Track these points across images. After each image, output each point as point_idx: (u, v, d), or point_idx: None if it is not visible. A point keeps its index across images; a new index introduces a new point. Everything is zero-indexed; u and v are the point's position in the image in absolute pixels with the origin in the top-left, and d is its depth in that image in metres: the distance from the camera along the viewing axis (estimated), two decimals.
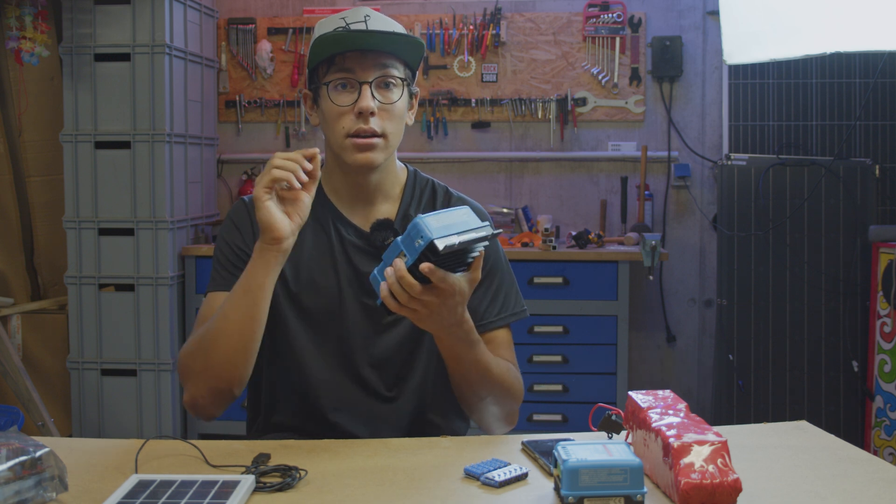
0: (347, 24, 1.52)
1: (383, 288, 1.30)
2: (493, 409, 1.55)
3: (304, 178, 1.40)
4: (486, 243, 1.32)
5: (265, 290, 1.44)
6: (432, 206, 1.64)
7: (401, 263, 1.27)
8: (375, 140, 1.52)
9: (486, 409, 1.55)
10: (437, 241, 1.22)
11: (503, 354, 1.60)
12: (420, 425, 1.60)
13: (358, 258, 1.59)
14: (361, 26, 1.52)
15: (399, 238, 1.28)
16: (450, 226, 1.26)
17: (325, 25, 1.55)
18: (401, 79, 1.55)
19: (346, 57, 1.51)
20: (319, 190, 1.63)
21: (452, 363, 1.48)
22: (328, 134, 1.56)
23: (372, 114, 1.51)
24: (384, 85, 1.53)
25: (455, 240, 1.24)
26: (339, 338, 1.58)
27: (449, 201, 1.65)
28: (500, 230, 1.40)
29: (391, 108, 1.54)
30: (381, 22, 1.55)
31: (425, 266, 1.25)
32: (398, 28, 1.57)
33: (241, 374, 1.46)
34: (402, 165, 1.68)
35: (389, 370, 1.59)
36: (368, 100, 1.50)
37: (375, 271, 1.33)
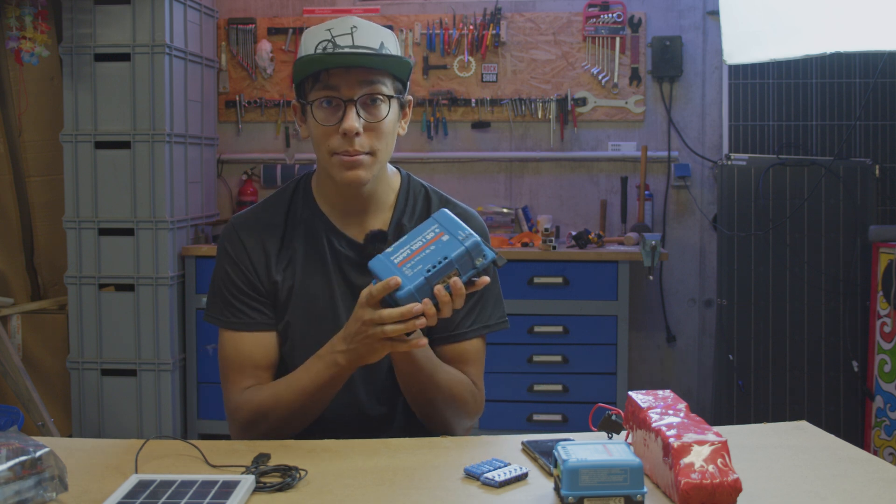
0: (333, 38, 1.47)
1: (429, 309, 1.32)
2: (443, 419, 1.55)
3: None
4: None
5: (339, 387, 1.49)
6: (426, 214, 1.60)
7: (460, 283, 1.33)
8: (362, 157, 1.48)
9: (437, 418, 1.55)
10: (498, 259, 1.35)
11: (469, 370, 1.58)
12: None
13: (351, 271, 1.57)
14: (347, 40, 1.47)
15: (455, 260, 1.33)
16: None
17: (312, 39, 1.50)
18: (388, 95, 1.49)
19: (331, 74, 1.47)
20: (312, 201, 1.61)
21: (399, 361, 1.47)
22: (315, 150, 1.53)
23: (357, 134, 1.47)
24: (371, 101, 1.48)
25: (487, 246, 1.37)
26: None
27: (445, 207, 1.63)
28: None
29: (378, 126, 1.49)
30: (369, 33, 1.49)
31: (485, 279, 1.36)
32: (387, 38, 1.51)
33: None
34: (395, 170, 1.65)
35: (381, 385, 1.58)
36: (353, 120, 1.46)
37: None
